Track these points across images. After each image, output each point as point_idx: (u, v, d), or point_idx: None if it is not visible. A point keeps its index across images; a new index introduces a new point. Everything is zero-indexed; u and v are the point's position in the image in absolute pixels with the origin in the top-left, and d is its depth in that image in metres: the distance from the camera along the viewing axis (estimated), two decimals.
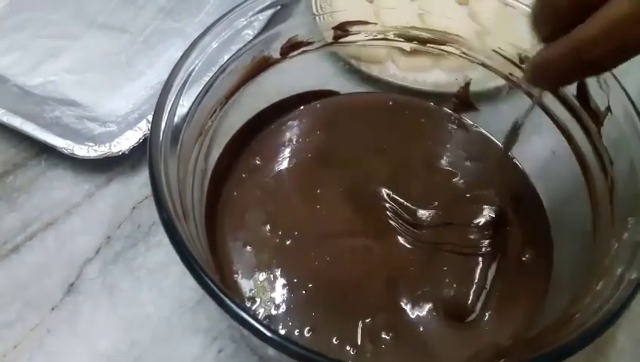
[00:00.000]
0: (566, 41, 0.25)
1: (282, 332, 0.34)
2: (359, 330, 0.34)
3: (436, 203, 0.39)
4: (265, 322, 0.34)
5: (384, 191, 0.39)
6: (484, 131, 0.44)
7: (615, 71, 0.35)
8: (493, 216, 0.38)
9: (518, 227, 0.39)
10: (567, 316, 0.29)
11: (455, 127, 0.45)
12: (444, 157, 0.43)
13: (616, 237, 0.30)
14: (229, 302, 0.26)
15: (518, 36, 0.39)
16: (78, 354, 0.37)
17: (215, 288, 0.26)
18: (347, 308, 0.35)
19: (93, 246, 0.41)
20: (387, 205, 0.39)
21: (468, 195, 0.40)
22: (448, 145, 0.44)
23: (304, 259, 0.37)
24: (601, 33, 0.24)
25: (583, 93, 0.36)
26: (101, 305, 0.39)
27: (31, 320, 0.38)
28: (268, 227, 0.38)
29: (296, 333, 0.34)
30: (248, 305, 0.35)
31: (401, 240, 0.37)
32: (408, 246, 0.37)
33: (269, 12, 0.40)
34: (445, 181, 0.41)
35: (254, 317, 0.25)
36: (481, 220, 0.39)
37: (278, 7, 0.39)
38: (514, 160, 0.42)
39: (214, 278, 0.27)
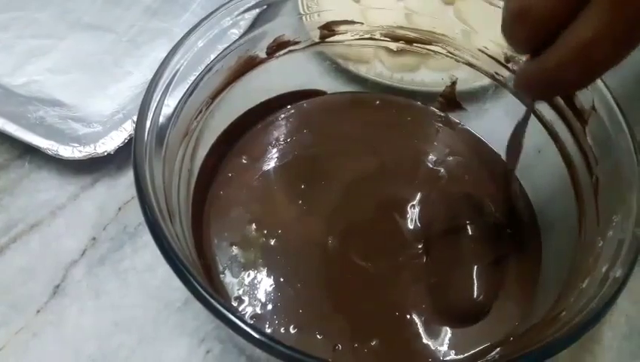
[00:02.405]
0: (539, 64, 0.25)
1: (268, 330, 0.34)
2: (346, 331, 0.34)
3: (423, 203, 0.39)
4: (252, 321, 0.34)
5: (371, 193, 0.39)
6: (470, 130, 0.44)
7: None
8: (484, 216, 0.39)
9: (506, 226, 0.39)
10: (553, 314, 0.29)
11: (442, 126, 0.45)
12: (431, 156, 0.43)
13: (601, 235, 0.31)
14: (214, 302, 0.26)
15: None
16: (64, 357, 0.37)
17: (200, 289, 0.26)
18: (332, 309, 0.35)
19: (78, 248, 0.41)
20: (373, 212, 0.39)
21: (454, 195, 0.41)
22: (435, 144, 0.44)
23: (289, 259, 0.37)
24: (572, 56, 0.23)
25: None
26: (87, 307, 0.38)
27: (16, 323, 0.38)
28: (254, 226, 0.38)
29: (282, 331, 0.34)
30: (235, 305, 0.35)
31: (388, 247, 0.37)
32: (396, 254, 0.37)
33: (255, 11, 0.39)
34: (432, 181, 0.41)
35: (240, 317, 0.25)
36: (469, 221, 0.39)
37: (265, 6, 0.39)
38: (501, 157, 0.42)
39: (200, 279, 0.27)
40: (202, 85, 0.38)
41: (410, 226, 0.38)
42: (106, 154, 0.42)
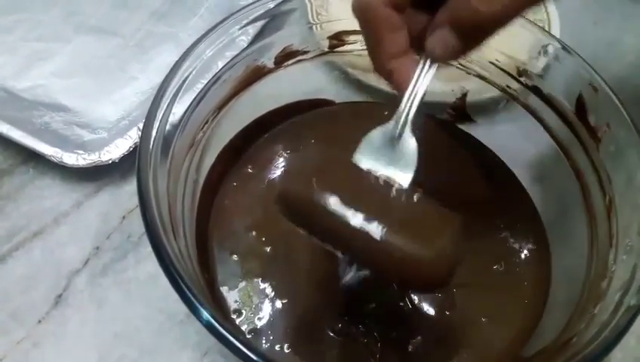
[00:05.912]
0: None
1: (266, 346, 0.33)
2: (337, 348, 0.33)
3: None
4: (249, 337, 0.34)
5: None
6: (481, 142, 0.43)
7: (613, 80, 0.35)
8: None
9: (516, 240, 0.38)
10: (563, 339, 0.28)
11: (451, 138, 0.44)
12: (439, 169, 0.42)
13: (614, 258, 0.30)
14: (212, 321, 0.26)
15: (515, 48, 0.39)
16: None
17: (199, 306, 0.26)
18: (324, 326, 0.34)
19: (81, 257, 0.40)
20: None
21: (464, 206, 0.40)
22: (444, 156, 0.43)
23: (291, 273, 0.36)
24: None
25: (581, 109, 0.35)
26: (89, 318, 0.38)
27: (16, 333, 0.37)
28: (256, 238, 0.38)
29: (277, 348, 0.33)
30: (234, 317, 0.34)
31: None
32: None
33: (264, 20, 0.39)
34: (438, 192, 0.41)
35: (237, 338, 0.25)
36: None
37: (273, 15, 0.39)
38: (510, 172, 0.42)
39: (199, 296, 0.26)
40: (210, 95, 0.37)
41: None
42: (110, 162, 0.42)
